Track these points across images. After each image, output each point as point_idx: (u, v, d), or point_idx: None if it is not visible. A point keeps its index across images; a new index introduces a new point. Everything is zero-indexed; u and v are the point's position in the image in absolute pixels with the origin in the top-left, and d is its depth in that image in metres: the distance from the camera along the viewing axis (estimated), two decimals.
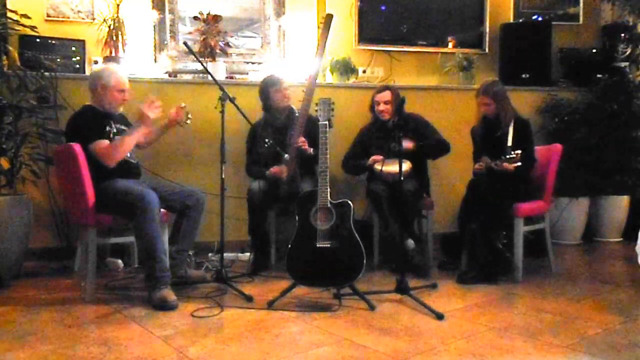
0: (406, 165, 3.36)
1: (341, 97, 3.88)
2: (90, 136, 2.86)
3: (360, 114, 4.07)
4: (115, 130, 3.00)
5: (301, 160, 3.49)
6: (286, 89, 3.60)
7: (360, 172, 3.72)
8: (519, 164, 3.03)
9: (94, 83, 3.00)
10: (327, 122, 2.82)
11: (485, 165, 3.21)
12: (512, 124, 3.30)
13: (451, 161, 3.88)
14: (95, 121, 2.94)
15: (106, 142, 2.88)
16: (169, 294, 2.66)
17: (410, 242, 3.41)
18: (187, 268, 3.13)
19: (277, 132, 3.59)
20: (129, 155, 3.02)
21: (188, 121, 3.19)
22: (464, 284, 3.10)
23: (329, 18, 3.53)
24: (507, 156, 3.05)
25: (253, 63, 4.36)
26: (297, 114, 3.59)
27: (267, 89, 3.59)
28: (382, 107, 3.54)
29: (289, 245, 2.74)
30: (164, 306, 2.62)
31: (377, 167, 3.38)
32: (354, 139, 3.79)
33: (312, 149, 3.41)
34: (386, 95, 3.56)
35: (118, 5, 3.89)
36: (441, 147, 3.59)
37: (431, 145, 3.55)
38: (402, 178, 2.94)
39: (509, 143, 3.24)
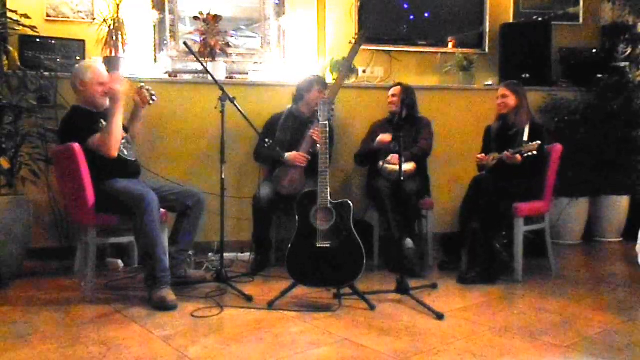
0: (410, 165, 3.37)
1: (341, 97, 3.88)
2: (85, 134, 2.84)
3: (360, 113, 4.08)
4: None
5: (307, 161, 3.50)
6: (321, 92, 3.63)
7: (369, 157, 3.71)
8: (535, 153, 3.05)
9: (73, 82, 2.96)
10: (327, 123, 2.82)
11: (492, 159, 3.22)
12: (527, 126, 3.33)
13: (451, 161, 3.88)
14: (85, 119, 2.92)
15: (98, 134, 2.86)
16: (169, 294, 2.66)
17: (409, 242, 3.40)
18: (186, 268, 3.13)
19: (298, 123, 3.63)
20: (125, 152, 3.00)
21: (152, 101, 3.10)
22: (464, 284, 3.10)
23: (361, 37, 3.66)
24: (525, 145, 3.08)
25: (253, 63, 4.36)
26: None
27: (312, 86, 3.64)
28: (390, 99, 3.71)
29: (289, 245, 2.74)
30: (163, 306, 2.62)
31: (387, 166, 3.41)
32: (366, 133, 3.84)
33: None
34: (395, 89, 3.72)
35: (118, 5, 3.89)
36: (422, 155, 3.61)
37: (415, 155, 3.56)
38: (402, 178, 2.94)
39: (525, 139, 3.27)
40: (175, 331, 2.34)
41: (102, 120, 2.95)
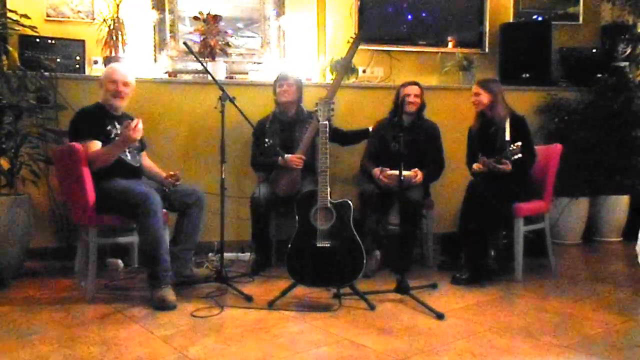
0: (411, 172, 3.34)
1: (341, 97, 3.87)
2: (85, 134, 2.91)
3: (360, 113, 4.08)
4: (118, 131, 3.02)
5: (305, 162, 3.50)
6: (290, 85, 3.60)
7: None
8: (520, 155, 3.03)
9: (99, 81, 3.10)
10: (327, 122, 2.82)
11: (484, 164, 3.22)
12: (507, 121, 3.30)
13: (452, 161, 3.87)
14: (96, 119, 2.98)
15: (95, 144, 2.90)
16: (169, 294, 2.66)
17: (377, 254, 3.40)
18: (192, 267, 3.13)
19: (285, 126, 3.62)
20: (129, 157, 3.03)
21: (172, 187, 3.09)
22: (454, 285, 3.09)
23: (358, 38, 3.63)
24: (508, 149, 3.05)
25: (253, 63, 4.36)
26: (306, 113, 3.65)
27: (274, 84, 3.67)
28: (412, 99, 3.52)
29: (289, 245, 2.74)
30: (163, 306, 2.62)
31: (387, 172, 3.35)
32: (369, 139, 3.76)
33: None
34: (417, 88, 3.58)
35: (118, 5, 3.89)
36: (437, 174, 3.61)
37: (431, 175, 3.55)
38: (402, 178, 2.93)
39: (507, 138, 3.24)
40: (175, 331, 2.34)
41: (115, 123, 3.02)
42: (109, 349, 2.13)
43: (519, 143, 3.03)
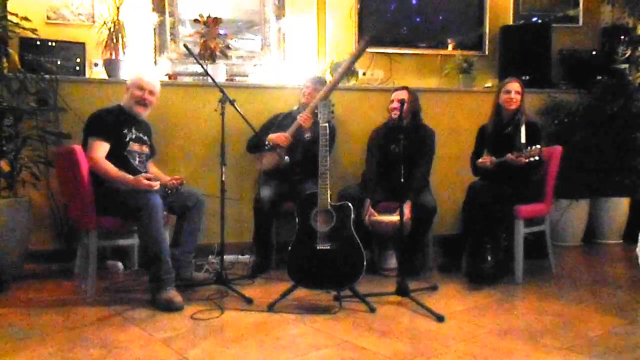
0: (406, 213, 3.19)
1: (341, 99, 3.88)
2: (97, 132, 2.91)
3: (360, 115, 4.08)
4: (133, 136, 3.04)
5: (304, 162, 3.49)
6: (309, 87, 3.69)
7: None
8: (537, 158, 3.04)
9: (125, 85, 3.13)
10: (327, 124, 2.82)
11: (491, 162, 3.21)
12: (524, 125, 3.32)
13: (451, 163, 3.88)
14: (113, 121, 2.98)
15: (104, 146, 2.89)
16: (175, 295, 2.67)
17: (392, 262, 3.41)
18: (192, 270, 3.13)
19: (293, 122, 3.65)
20: (137, 162, 3.06)
21: (175, 190, 3.06)
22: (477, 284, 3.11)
23: (366, 41, 3.68)
24: (525, 150, 3.07)
25: (253, 65, 4.37)
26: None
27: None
28: (394, 104, 3.43)
29: (289, 248, 2.74)
30: (170, 307, 2.62)
31: (373, 218, 3.30)
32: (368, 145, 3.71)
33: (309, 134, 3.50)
34: (402, 93, 3.48)
35: (118, 8, 3.89)
36: (425, 180, 3.56)
37: (420, 182, 3.47)
38: (402, 216, 2.89)
39: (523, 140, 3.25)
40: (175, 333, 2.34)
41: (132, 128, 3.03)
42: (109, 352, 2.13)
43: (539, 146, 3.04)
